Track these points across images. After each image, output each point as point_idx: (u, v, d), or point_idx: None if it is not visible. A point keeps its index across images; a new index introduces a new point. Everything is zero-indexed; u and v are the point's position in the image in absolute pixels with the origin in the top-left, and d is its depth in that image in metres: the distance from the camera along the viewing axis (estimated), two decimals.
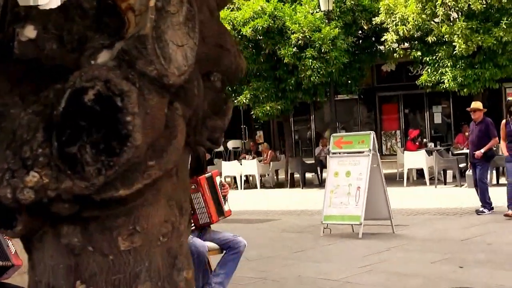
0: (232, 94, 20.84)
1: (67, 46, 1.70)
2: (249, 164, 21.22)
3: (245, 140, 27.17)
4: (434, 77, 18.57)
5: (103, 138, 1.58)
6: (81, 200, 1.66)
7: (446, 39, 17.76)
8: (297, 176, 20.80)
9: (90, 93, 1.58)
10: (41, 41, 1.71)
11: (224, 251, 5.99)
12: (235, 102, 20.69)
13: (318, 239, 10.61)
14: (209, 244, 5.89)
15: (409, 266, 8.19)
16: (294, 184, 20.84)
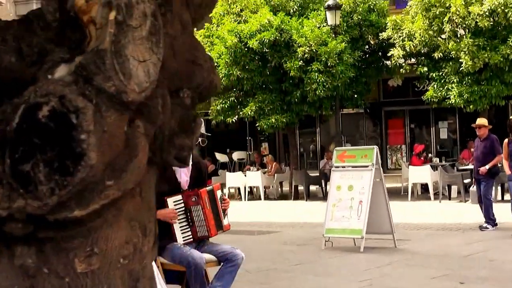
0: (237, 105, 20.83)
1: (26, 59, 1.64)
2: (254, 175, 21.15)
3: (250, 151, 27.10)
4: (440, 93, 18.48)
5: (57, 156, 1.51)
6: (36, 220, 1.58)
7: (452, 56, 17.69)
8: (301, 188, 20.71)
9: (44, 109, 1.51)
10: None
11: (221, 263, 5.93)
12: (241, 114, 20.68)
13: (319, 252, 10.50)
14: (206, 256, 5.83)
15: (410, 281, 8.10)
16: (298, 196, 20.76)
